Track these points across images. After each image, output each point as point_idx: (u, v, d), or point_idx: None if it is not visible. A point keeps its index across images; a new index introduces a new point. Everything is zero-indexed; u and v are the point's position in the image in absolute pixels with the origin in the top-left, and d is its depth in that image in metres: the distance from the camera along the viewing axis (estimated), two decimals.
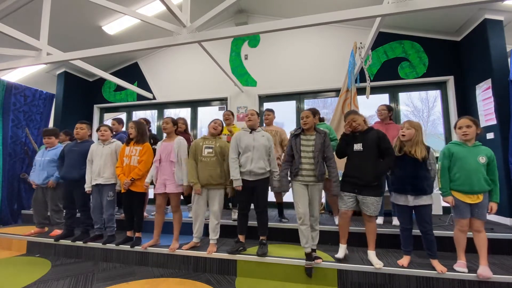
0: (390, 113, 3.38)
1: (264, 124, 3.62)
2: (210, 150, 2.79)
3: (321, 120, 3.40)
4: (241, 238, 2.80)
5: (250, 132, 2.78)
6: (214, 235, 2.80)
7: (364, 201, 2.37)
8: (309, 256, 2.46)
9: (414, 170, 2.28)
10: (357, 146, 2.45)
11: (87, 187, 3.11)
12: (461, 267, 2.22)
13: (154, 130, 5.43)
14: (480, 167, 2.17)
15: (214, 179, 2.73)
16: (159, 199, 2.93)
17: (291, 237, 3.02)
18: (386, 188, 3.30)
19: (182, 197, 3.06)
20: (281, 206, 3.51)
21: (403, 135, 2.34)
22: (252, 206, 2.79)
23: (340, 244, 2.56)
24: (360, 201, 2.40)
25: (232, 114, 3.88)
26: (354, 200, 2.44)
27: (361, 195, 2.39)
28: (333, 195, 2.52)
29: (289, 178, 2.61)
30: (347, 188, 2.47)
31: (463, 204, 2.21)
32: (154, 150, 3.09)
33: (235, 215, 3.42)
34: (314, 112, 2.79)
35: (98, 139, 3.24)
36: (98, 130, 3.23)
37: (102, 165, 3.10)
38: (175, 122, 3.02)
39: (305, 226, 2.47)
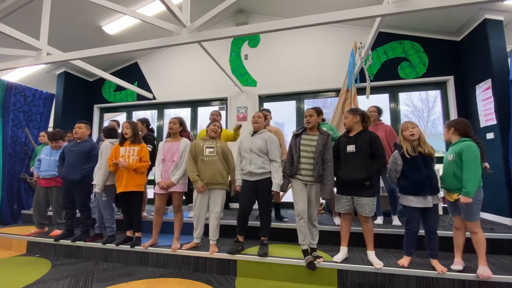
0: (379, 115, 3.43)
1: None
2: (212, 150, 2.81)
3: (323, 120, 3.40)
4: (240, 238, 2.80)
5: (252, 135, 2.80)
6: (214, 236, 2.80)
7: (360, 202, 2.37)
8: (306, 252, 2.53)
9: (428, 170, 2.28)
10: (350, 148, 2.45)
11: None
12: (455, 265, 2.24)
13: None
14: (450, 165, 2.23)
15: (216, 178, 2.74)
16: (159, 200, 2.92)
17: (291, 237, 3.01)
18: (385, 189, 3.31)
19: (183, 197, 3.06)
20: (278, 206, 3.51)
21: (412, 135, 2.29)
22: (255, 206, 2.78)
23: (341, 247, 2.56)
24: (356, 202, 2.40)
25: (219, 114, 3.79)
26: (350, 203, 2.44)
27: (356, 196, 2.39)
28: (323, 198, 2.49)
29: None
30: (343, 191, 2.48)
31: (448, 201, 2.31)
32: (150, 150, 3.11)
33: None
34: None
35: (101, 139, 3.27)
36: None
37: (99, 166, 3.10)
38: (182, 122, 3.03)
39: (303, 224, 2.51)
